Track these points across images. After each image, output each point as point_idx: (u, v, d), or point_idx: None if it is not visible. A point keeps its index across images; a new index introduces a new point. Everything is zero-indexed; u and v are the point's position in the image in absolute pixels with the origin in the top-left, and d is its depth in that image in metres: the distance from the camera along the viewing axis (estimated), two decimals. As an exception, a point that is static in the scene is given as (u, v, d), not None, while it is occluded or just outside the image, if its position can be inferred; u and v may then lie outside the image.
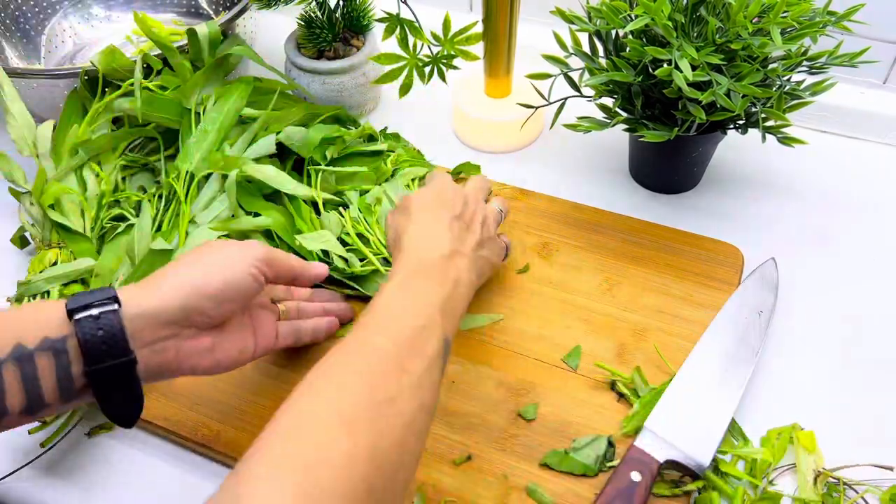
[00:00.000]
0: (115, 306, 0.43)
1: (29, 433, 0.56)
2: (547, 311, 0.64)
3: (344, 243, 0.67)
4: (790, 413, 0.58)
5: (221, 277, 0.47)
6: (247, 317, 0.54)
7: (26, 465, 0.57)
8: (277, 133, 0.70)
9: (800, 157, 0.76)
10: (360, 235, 0.67)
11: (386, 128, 0.78)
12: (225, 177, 0.68)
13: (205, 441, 0.57)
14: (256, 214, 0.67)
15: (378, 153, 0.74)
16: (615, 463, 0.54)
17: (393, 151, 0.74)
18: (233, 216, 0.67)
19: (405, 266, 0.50)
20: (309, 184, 0.71)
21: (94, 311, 0.42)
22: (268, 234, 0.67)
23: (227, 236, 0.66)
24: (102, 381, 0.42)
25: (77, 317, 0.42)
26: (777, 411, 0.58)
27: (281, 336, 0.57)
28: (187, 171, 0.69)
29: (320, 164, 0.71)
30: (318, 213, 0.69)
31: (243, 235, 0.67)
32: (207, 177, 0.69)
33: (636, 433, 0.54)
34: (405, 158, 0.74)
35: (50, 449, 0.58)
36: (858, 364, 0.61)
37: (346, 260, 0.65)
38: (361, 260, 0.66)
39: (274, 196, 0.70)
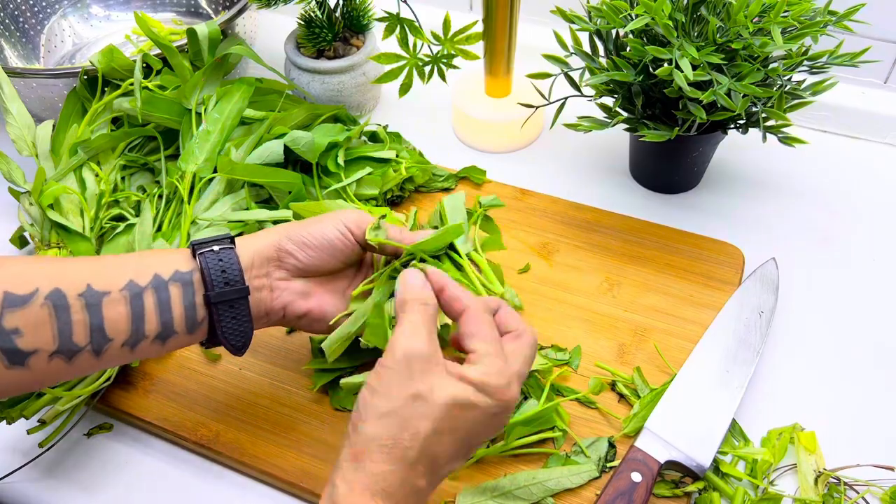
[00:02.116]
0: (232, 245, 0.50)
1: (28, 433, 0.56)
2: (547, 311, 0.64)
3: None
4: (791, 413, 0.58)
5: (308, 227, 0.53)
6: (351, 289, 0.56)
7: (25, 465, 0.57)
8: (282, 136, 0.70)
9: (800, 157, 0.76)
10: None
11: (386, 126, 0.78)
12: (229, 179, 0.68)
13: (204, 441, 0.57)
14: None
15: (386, 160, 0.73)
16: (616, 463, 0.54)
17: (400, 161, 0.73)
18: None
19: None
20: (320, 184, 0.71)
21: (215, 247, 0.49)
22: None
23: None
24: (219, 306, 0.48)
25: (201, 250, 0.49)
26: (778, 411, 0.58)
27: None
28: (193, 173, 0.68)
29: (329, 169, 0.71)
30: None
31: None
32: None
33: (637, 434, 0.54)
34: (410, 164, 0.73)
35: (49, 449, 0.58)
36: (858, 364, 0.61)
37: None
38: None
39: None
